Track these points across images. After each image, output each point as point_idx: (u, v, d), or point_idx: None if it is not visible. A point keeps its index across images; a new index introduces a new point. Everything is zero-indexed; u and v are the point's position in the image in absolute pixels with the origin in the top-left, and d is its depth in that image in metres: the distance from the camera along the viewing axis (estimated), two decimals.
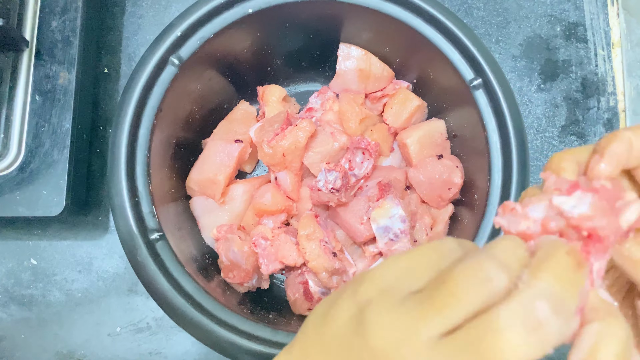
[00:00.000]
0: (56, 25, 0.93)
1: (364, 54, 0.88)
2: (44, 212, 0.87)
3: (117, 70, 1.04)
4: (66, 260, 0.97)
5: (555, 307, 0.34)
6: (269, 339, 0.71)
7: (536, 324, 0.33)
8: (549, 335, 0.33)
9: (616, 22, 1.03)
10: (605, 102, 1.00)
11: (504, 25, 1.04)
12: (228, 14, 0.79)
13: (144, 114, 0.77)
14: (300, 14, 0.83)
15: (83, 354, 0.94)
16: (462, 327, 0.35)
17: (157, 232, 0.74)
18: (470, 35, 0.78)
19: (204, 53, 0.80)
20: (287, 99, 0.94)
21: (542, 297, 0.34)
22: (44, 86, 0.91)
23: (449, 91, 0.84)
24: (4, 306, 0.96)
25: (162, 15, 1.05)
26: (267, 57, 0.91)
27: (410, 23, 0.80)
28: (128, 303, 0.96)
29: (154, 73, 0.78)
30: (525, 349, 0.33)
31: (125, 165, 0.75)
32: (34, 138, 0.89)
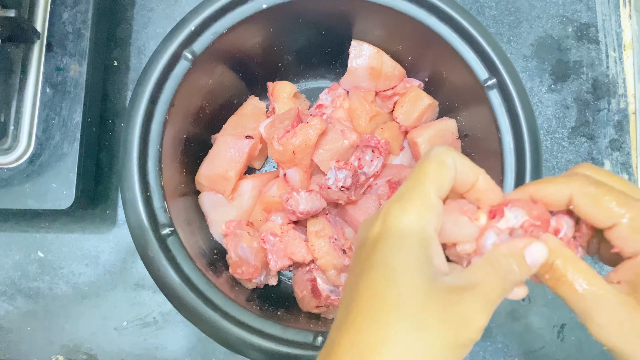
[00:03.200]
0: (67, 17, 0.93)
1: (376, 52, 0.88)
2: (53, 205, 0.87)
3: (126, 63, 1.04)
4: (73, 253, 0.97)
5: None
6: (279, 336, 0.71)
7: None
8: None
9: (628, 24, 1.03)
10: (615, 104, 1.00)
11: (516, 24, 1.03)
12: (242, 9, 0.79)
13: (156, 108, 0.77)
14: (313, 10, 0.83)
15: (89, 347, 0.94)
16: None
17: (168, 227, 0.74)
18: (485, 34, 0.78)
19: (216, 48, 0.80)
20: (297, 95, 0.94)
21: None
22: (54, 78, 0.91)
23: (462, 90, 0.84)
24: (10, 298, 0.96)
25: (172, 9, 1.05)
26: (278, 52, 0.91)
27: (424, 21, 0.79)
28: (135, 297, 0.96)
29: (167, 67, 0.77)
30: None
31: (138, 159, 0.75)
32: (44, 130, 0.89)
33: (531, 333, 0.95)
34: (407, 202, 0.46)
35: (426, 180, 0.46)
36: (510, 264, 0.46)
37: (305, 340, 0.71)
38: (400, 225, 0.45)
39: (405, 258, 0.44)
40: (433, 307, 0.42)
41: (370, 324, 0.43)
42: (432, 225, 0.46)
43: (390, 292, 0.43)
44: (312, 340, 0.71)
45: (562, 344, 0.94)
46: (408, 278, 0.43)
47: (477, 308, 0.43)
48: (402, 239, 0.44)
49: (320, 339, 0.71)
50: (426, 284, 0.43)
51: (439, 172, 0.47)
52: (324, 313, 0.84)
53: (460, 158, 0.48)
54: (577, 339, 0.94)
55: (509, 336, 0.95)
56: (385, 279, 0.44)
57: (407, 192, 0.46)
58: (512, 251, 0.47)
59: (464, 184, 0.49)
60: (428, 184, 0.46)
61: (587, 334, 0.86)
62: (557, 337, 0.94)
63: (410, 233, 0.44)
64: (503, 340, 0.94)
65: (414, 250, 0.44)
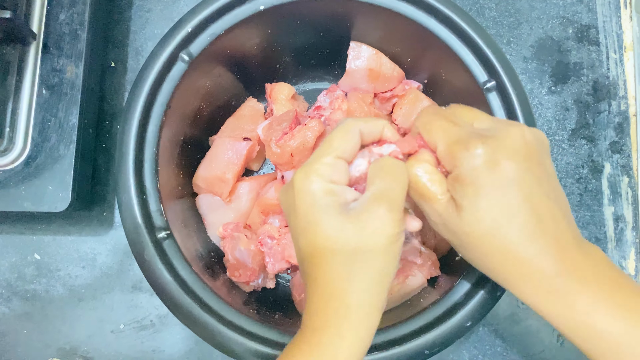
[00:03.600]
0: (64, 18, 0.92)
1: (374, 53, 0.88)
2: (50, 208, 0.87)
3: (124, 64, 1.03)
4: (70, 255, 0.97)
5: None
6: (276, 341, 0.71)
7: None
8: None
9: (629, 25, 1.02)
10: (616, 106, 1.00)
11: (516, 26, 1.03)
12: (239, 10, 0.78)
13: (152, 110, 0.76)
14: (311, 11, 0.82)
15: (86, 350, 0.94)
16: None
17: (164, 230, 0.73)
18: (484, 36, 0.77)
19: (214, 50, 0.79)
20: (295, 97, 0.93)
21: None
22: (51, 80, 0.90)
23: (461, 93, 0.83)
24: (6, 301, 0.95)
25: (170, 10, 1.05)
26: (276, 54, 0.91)
27: (424, 23, 0.79)
28: (132, 300, 0.95)
29: (164, 69, 0.77)
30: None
31: (134, 162, 0.74)
32: (40, 132, 0.89)
33: (530, 337, 0.94)
34: (307, 169, 0.57)
35: (327, 148, 0.58)
36: (389, 162, 0.58)
37: None
38: (303, 186, 0.56)
39: (313, 211, 0.55)
40: (351, 232, 0.54)
41: (317, 268, 0.55)
42: (333, 180, 0.56)
43: (321, 240, 0.55)
44: None
45: (562, 348, 0.94)
46: (322, 226, 0.55)
47: (383, 211, 0.54)
48: (309, 196, 0.56)
49: None
50: (339, 220, 0.54)
51: (343, 139, 0.58)
52: None
53: (364, 122, 0.60)
54: None
55: (508, 340, 0.94)
56: (314, 234, 0.55)
57: (312, 159, 0.58)
58: (388, 158, 0.60)
59: (375, 137, 0.61)
60: (328, 150, 0.57)
61: None
62: (557, 341, 0.94)
63: (312, 191, 0.56)
64: (502, 344, 0.94)
65: (319, 202, 0.55)
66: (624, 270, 0.96)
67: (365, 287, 0.54)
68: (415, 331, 0.71)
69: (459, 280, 0.73)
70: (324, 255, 0.55)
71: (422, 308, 0.73)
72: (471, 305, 0.71)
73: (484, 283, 0.71)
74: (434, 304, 0.73)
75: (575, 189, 0.98)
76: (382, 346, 0.70)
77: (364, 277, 0.54)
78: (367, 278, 0.54)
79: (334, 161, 0.57)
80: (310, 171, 0.56)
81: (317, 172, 0.56)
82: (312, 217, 0.55)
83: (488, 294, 0.71)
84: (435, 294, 0.77)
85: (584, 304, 0.53)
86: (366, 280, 0.54)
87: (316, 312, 0.56)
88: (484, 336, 0.94)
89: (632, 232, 0.97)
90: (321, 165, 0.56)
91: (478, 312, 0.71)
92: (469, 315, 0.71)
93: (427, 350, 0.70)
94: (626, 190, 0.98)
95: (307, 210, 0.56)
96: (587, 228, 0.98)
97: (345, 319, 0.54)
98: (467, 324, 0.70)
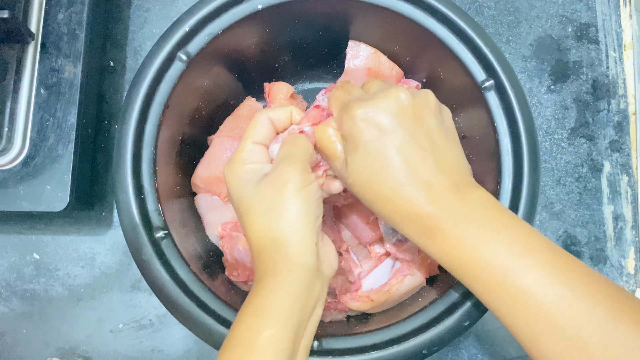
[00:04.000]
0: (62, 18, 0.92)
1: (373, 52, 0.87)
2: (48, 208, 0.87)
3: (122, 64, 1.03)
4: (69, 255, 0.97)
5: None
6: None
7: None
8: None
9: (628, 24, 1.02)
10: (615, 105, 1.00)
11: (515, 24, 1.03)
12: (237, 10, 0.78)
13: (150, 110, 0.76)
14: (310, 10, 0.82)
15: (85, 350, 0.94)
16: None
17: (162, 230, 0.73)
18: (482, 35, 0.77)
19: (212, 49, 0.79)
20: (294, 96, 0.93)
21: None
22: (49, 79, 0.90)
23: (459, 92, 0.83)
24: (6, 301, 0.95)
25: (169, 9, 1.05)
26: (274, 53, 0.90)
27: (422, 22, 0.79)
28: (131, 299, 0.95)
29: (162, 69, 0.77)
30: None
31: (131, 162, 0.74)
32: (38, 132, 0.89)
33: None
34: (231, 161, 0.66)
35: (245, 138, 0.66)
36: (289, 136, 0.67)
37: None
38: (230, 177, 0.65)
39: (240, 191, 0.63)
40: (266, 192, 0.61)
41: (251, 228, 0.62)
42: (253, 161, 0.65)
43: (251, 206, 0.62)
44: None
45: None
46: (248, 197, 0.63)
47: (285, 164, 0.62)
48: (236, 181, 0.64)
49: (316, 343, 0.71)
50: (260, 184, 0.63)
51: (255, 128, 0.67)
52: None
53: (272, 111, 0.68)
54: None
55: (506, 340, 0.94)
56: (246, 205, 0.63)
57: (234, 153, 0.66)
58: (292, 131, 0.69)
59: (285, 121, 0.69)
60: (246, 139, 0.66)
61: None
62: None
63: (237, 177, 0.64)
64: (501, 343, 0.94)
65: (245, 183, 0.63)
66: (623, 269, 0.96)
67: (288, 227, 0.60)
68: (414, 330, 0.71)
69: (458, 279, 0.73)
70: (254, 214, 0.62)
71: (420, 307, 0.73)
72: (469, 305, 0.71)
73: None
74: (433, 303, 0.73)
75: (575, 187, 0.98)
76: (380, 345, 0.71)
77: (287, 218, 0.60)
78: (289, 219, 0.60)
79: (251, 147, 0.66)
80: (234, 161, 0.65)
81: (239, 160, 0.65)
82: (241, 193, 0.63)
83: None
84: (434, 293, 0.77)
85: (455, 241, 0.59)
86: (289, 220, 0.60)
87: (257, 268, 0.62)
88: (483, 335, 0.94)
89: (631, 230, 0.97)
90: (241, 153, 0.65)
91: (476, 312, 0.71)
92: (467, 315, 0.71)
93: (425, 350, 0.70)
94: (625, 189, 0.98)
95: (236, 190, 0.64)
96: (586, 227, 0.97)
97: (278, 261, 0.60)
98: (466, 323, 0.70)
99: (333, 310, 0.82)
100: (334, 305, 0.82)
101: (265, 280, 0.59)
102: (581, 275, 0.55)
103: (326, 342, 0.71)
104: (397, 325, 0.72)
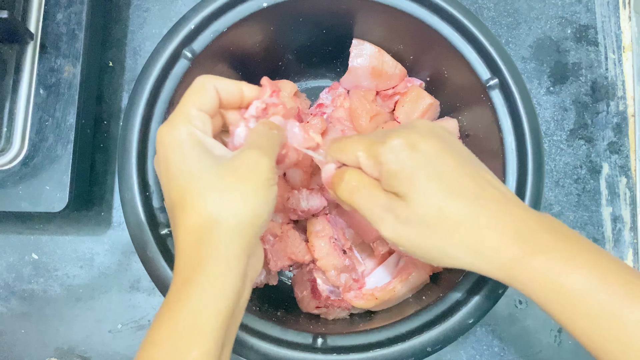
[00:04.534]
0: (61, 18, 0.92)
1: (377, 51, 0.88)
2: (47, 208, 0.86)
3: (122, 64, 1.03)
4: (68, 255, 0.96)
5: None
6: (278, 338, 0.71)
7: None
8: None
9: (627, 26, 1.03)
10: (614, 107, 1.00)
11: (514, 26, 1.03)
12: (242, 8, 0.78)
13: (155, 107, 0.76)
14: (314, 8, 0.82)
15: (83, 350, 0.93)
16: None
17: (167, 227, 0.73)
18: (487, 34, 0.77)
19: (216, 47, 0.79)
20: (297, 95, 0.93)
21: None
22: (48, 80, 0.90)
23: (464, 90, 0.84)
24: (4, 301, 0.95)
25: (168, 9, 1.05)
26: (278, 51, 0.91)
27: (426, 20, 0.79)
28: (129, 300, 0.95)
29: (167, 66, 0.77)
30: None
31: (137, 159, 0.74)
32: (37, 132, 0.89)
33: (528, 337, 0.94)
34: (171, 121, 0.57)
35: (186, 102, 0.58)
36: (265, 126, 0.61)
37: (304, 341, 0.71)
38: (170, 139, 0.56)
39: (184, 158, 0.55)
40: (224, 172, 0.54)
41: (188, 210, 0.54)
42: (199, 129, 0.57)
43: (194, 182, 0.54)
44: (311, 341, 0.71)
45: (559, 348, 0.94)
46: (195, 170, 0.54)
47: (256, 155, 0.55)
48: (178, 146, 0.55)
49: (320, 341, 0.71)
50: (212, 164, 0.55)
51: (198, 94, 0.59)
52: (324, 314, 0.84)
53: (220, 80, 0.61)
54: (575, 343, 0.94)
55: (505, 340, 0.94)
56: (187, 179, 0.54)
57: (172, 115, 0.57)
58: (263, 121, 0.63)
59: (234, 97, 0.63)
60: (188, 104, 0.58)
61: None
62: (554, 341, 0.94)
63: (180, 140, 0.55)
64: (500, 344, 0.94)
65: (189, 150, 0.55)
66: None
67: (239, 221, 0.53)
68: (418, 328, 0.71)
69: (461, 277, 0.73)
70: (197, 195, 0.54)
71: (424, 305, 0.73)
72: (473, 303, 0.71)
73: (486, 280, 0.71)
74: (436, 301, 0.73)
75: (574, 189, 0.98)
76: (384, 343, 0.70)
77: (241, 212, 0.53)
78: (244, 213, 0.53)
79: (197, 113, 0.57)
80: (175, 120, 0.57)
81: (182, 120, 0.56)
82: (185, 162, 0.55)
83: (490, 292, 0.71)
84: (438, 291, 0.77)
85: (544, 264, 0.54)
86: (243, 215, 0.53)
87: (185, 259, 0.54)
88: (482, 336, 0.94)
89: (629, 232, 0.98)
90: (184, 115, 0.57)
91: (480, 310, 0.71)
92: (471, 313, 0.71)
93: (429, 348, 0.70)
94: (624, 190, 0.99)
95: (178, 157, 0.55)
96: (585, 228, 0.98)
97: (210, 256, 0.52)
98: (470, 321, 0.70)
99: (337, 307, 0.82)
100: (337, 302, 0.82)
101: (191, 284, 0.51)
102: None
103: (330, 340, 0.71)
104: (401, 323, 0.72)
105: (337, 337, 0.71)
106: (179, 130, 0.56)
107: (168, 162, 0.56)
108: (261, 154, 0.56)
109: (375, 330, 0.72)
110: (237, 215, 0.53)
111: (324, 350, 0.70)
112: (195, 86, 0.60)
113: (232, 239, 0.53)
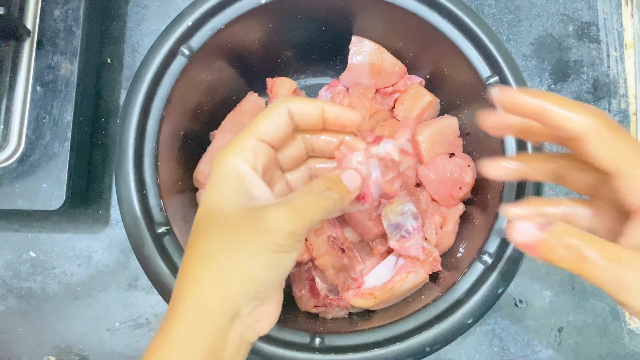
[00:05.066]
0: (59, 15, 0.92)
1: (376, 48, 0.87)
2: (44, 206, 0.86)
3: (120, 60, 1.03)
4: (65, 253, 0.96)
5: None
6: (275, 337, 0.70)
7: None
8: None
9: (630, 23, 1.02)
10: (616, 105, 1.00)
11: (516, 23, 1.03)
12: (240, 4, 0.78)
13: (152, 104, 0.76)
14: (313, 5, 0.82)
15: (81, 348, 0.93)
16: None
17: (164, 225, 0.73)
18: (487, 31, 0.77)
19: (214, 44, 0.79)
20: (296, 92, 0.93)
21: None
22: (45, 77, 0.90)
23: (464, 88, 0.83)
24: (2, 298, 0.94)
25: (166, 6, 1.04)
26: (277, 48, 0.90)
27: (426, 17, 0.79)
28: (128, 298, 0.95)
29: (164, 63, 0.76)
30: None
31: (133, 157, 0.74)
32: (34, 130, 0.88)
33: (528, 337, 0.94)
34: (227, 148, 0.55)
35: (249, 129, 0.56)
36: (321, 184, 0.55)
37: (302, 341, 0.71)
38: (216, 166, 0.54)
39: (217, 190, 0.53)
40: (245, 221, 0.50)
41: (196, 246, 0.52)
42: (247, 162, 0.53)
43: (214, 205, 0.53)
44: (309, 341, 0.71)
45: (560, 347, 0.93)
46: (220, 206, 0.52)
47: (282, 216, 0.50)
48: (219, 177, 0.53)
49: (318, 340, 0.70)
50: (240, 208, 0.51)
51: (266, 120, 0.56)
52: (322, 313, 0.83)
53: (295, 102, 0.57)
54: (575, 343, 0.93)
55: (505, 340, 0.94)
56: (203, 210, 0.53)
57: (232, 141, 0.56)
58: (329, 176, 0.57)
59: (312, 120, 0.58)
60: (249, 132, 0.55)
61: (584, 338, 0.85)
62: (555, 340, 0.94)
63: (223, 171, 0.53)
64: (500, 343, 0.94)
65: (226, 184, 0.53)
66: None
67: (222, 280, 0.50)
68: (417, 327, 0.71)
69: (461, 276, 0.73)
70: (204, 232, 0.52)
71: (423, 304, 0.73)
72: (473, 302, 0.71)
73: (485, 279, 0.71)
74: (436, 300, 0.72)
75: None
76: (383, 342, 0.70)
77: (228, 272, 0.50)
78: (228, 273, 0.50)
79: (253, 143, 0.55)
80: (228, 148, 0.55)
81: (234, 150, 0.54)
82: (212, 195, 0.53)
83: (489, 291, 0.70)
84: (437, 290, 0.76)
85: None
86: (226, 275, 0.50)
87: (172, 297, 0.53)
88: (482, 336, 0.94)
89: None
90: (239, 145, 0.55)
91: (480, 309, 0.71)
92: (470, 312, 0.70)
93: (428, 347, 0.70)
94: None
95: (210, 189, 0.53)
96: None
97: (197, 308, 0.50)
98: (469, 321, 0.70)
99: (335, 306, 0.82)
100: (336, 301, 0.82)
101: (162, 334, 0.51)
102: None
103: (328, 339, 0.71)
104: (400, 323, 0.72)
105: (335, 336, 0.71)
106: (225, 159, 0.54)
107: (206, 186, 0.55)
108: (287, 218, 0.50)
109: (374, 330, 0.72)
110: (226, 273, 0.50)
111: (322, 349, 0.70)
112: (267, 111, 0.57)
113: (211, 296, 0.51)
